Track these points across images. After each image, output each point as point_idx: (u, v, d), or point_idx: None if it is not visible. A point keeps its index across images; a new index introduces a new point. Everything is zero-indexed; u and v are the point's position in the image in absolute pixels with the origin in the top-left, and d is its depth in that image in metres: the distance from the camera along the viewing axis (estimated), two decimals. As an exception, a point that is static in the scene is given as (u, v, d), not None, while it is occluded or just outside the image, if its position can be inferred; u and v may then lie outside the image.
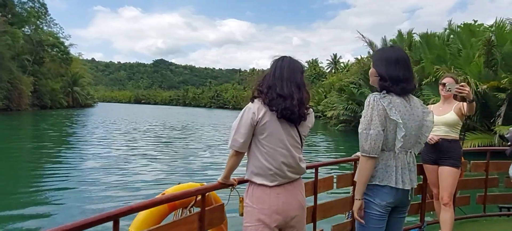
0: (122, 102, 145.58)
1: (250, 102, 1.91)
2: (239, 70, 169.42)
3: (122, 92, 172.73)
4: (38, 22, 50.50)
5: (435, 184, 3.32)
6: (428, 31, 21.48)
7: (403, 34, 23.93)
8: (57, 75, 53.72)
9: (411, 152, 1.94)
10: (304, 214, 2.02)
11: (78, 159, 11.45)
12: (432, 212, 3.64)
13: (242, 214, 2.00)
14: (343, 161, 3.55)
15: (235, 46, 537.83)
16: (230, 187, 2.12)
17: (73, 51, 61.46)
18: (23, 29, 45.63)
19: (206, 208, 2.15)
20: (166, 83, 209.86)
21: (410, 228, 3.60)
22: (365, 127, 1.84)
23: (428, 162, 3.31)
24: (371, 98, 1.86)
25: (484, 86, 14.14)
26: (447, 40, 20.52)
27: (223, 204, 2.37)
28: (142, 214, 2.26)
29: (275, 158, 1.86)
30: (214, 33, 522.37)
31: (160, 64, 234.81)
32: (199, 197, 2.16)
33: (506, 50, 15.19)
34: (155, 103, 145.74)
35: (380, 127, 1.82)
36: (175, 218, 2.37)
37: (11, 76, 38.67)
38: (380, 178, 1.88)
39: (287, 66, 1.92)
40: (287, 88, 1.86)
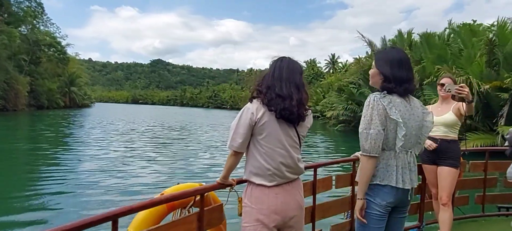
0: (119, 103, 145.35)
1: (249, 103, 1.91)
2: (237, 70, 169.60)
3: (119, 93, 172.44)
4: (35, 21, 50.20)
5: (434, 184, 3.34)
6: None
7: (403, 34, 23.83)
8: (54, 75, 53.47)
9: (411, 152, 1.95)
10: (302, 214, 2.02)
11: (76, 161, 11.32)
12: (431, 212, 3.65)
13: (240, 214, 1.99)
14: (342, 161, 3.55)
15: (233, 46, 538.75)
16: (229, 187, 2.12)
17: (70, 51, 61.34)
18: (19, 28, 45.37)
19: (205, 208, 2.15)
20: (164, 83, 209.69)
21: (409, 228, 3.61)
22: (365, 127, 1.85)
23: (427, 162, 3.32)
24: (371, 98, 1.87)
25: (486, 86, 13.96)
26: (448, 40, 20.37)
27: (222, 204, 2.37)
28: (141, 214, 2.27)
29: (274, 158, 1.86)
30: (211, 33, 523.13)
31: (157, 64, 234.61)
32: (198, 197, 2.16)
33: (508, 50, 15.05)
34: (153, 103, 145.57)
35: (380, 126, 1.83)
36: (174, 218, 2.37)
37: (8, 76, 38.47)
38: (381, 177, 1.89)
39: (286, 67, 1.92)
40: (286, 88, 1.86)
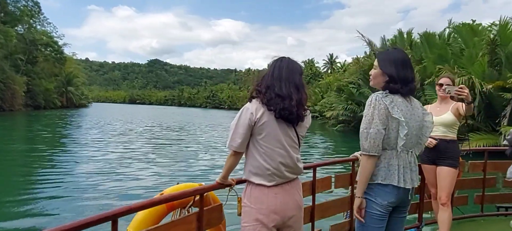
0: (116, 103, 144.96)
1: (248, 102, 1.91)
2: (235, 70, 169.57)
3: (117, 92, 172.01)
4: (32, 21, 49.97)
5: (433, 184, 3.34)
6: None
7: (403, 33, 23.73)
8: (50, 75, 53.25)
9: (412, 151, 1.96)
10: (301, 214, 2.03)
11: (73, 162, 11.17)
12: (430, 211, 3.66)
13: (240, 214, 2.00)
14: (341, 161, 3.55)
15: (230, 46, 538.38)
16: (228, 187, 2.12)
17: (67, 51, 60.94)
18: (16, 28, 45.15)
19: (205, 208, 2.15)
20: (161, 83, 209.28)
21: (408, 227, 3.61)
22: (365, 126, 1.86)
23: (426, 162, 3.33)
24: (373, 97, 1.88)
25: (489, 86, 13.79)
26: (448, 39, 20.24)
27: (222, 204, 2.38)
28: (141, 214, 2.27)
29: (273, 158, 1.87)
30: (208, 33, 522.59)
31: (154, 64, 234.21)
32: (198, 197, 2.16)
33: (510, 49, 14.91)
34: (150, 103, 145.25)
35: (381, 125, 1.83)
36: (173, 218, 2.37)
37: (4, 76, 38.29)
38: (382, 176, 1.89)
39: (286, 67, 1.92)
40: (285, 88, 1.87)
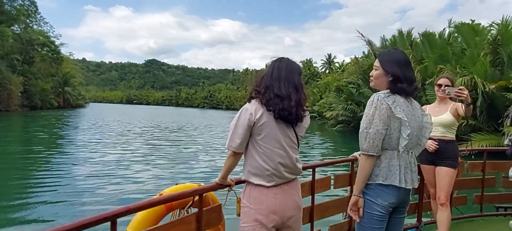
0: (113, 103, 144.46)
1: (247, 103, 1.91)
2: (233, 70, 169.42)
3: (114, 93, 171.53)
4: (28, 20, 49.73)
5: (432, 184, 3.35)
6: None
7: (403, 33, 23.55)
8: (47, 75, 52.99)
9: (412, 152, 1.96)
10: (300, 214, 2.03)
11: (71, 164, 10.98)
12: (429, 212, 3.66)
13: (239, 214, 2.00)
14: (341, 161, 3.55)
15: (228, 46, 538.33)
16: (228, 188, 2.12)
17: (63, 51, 60.63)
18: (12, 27, 44.90)
19: (204, 209, 2.15)
20: (158, 83, 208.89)
21: (408, 228, 3.62)
22: (365, 126, 1.86)
23: (425, 162, 3.33)
24: (375, 97, 1.87)
25: (492, 86, 13.64)
26: (448, 39, 20.09)
27: (221, 204, 2.38)
28: (140, 215, 2.26)
29: (272, 159, 1.87)
30: (206, 33, 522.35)
31: (152, 64, 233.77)
32: (197, 198, 2.16)
33: None
34: (148, 103, 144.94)
35: (381, 125, 1.83)
36: (172, 218, 2.37)
37: (0, 76, 38.08)
38: (383, 176, 1.88)
39: (285, 67, 1.93)
40: (285, 89, 1.87)
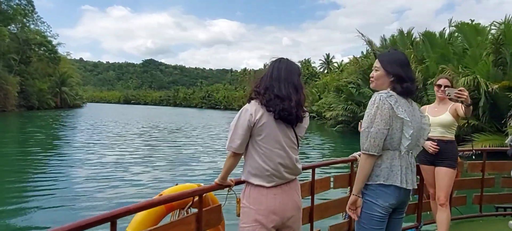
0: (111, 103, 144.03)
1: (247, 104, 1.91)
2: (231, 70, 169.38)
3: (111, 93, 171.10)
4: (25, 20, 49.24)
5: (431, 184, 3.36)
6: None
7: (404, 33, 23.42)
8: (44, 75, 52.72)
9: (412, 153, 1.96)
10: (300, 214, 2.04)
11: (69, 164, 10.79)
12: (428, 212, 3.66)
13: (239, 215, 2.00)
14: (340, 162, 3.55)
15: (225, 46, 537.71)
16: (227, 188, 2.12)
17: (61, 51, 60.21)
18: (9, 27, 44.59)
19: (204, 209, 2.16)
20: (156, 83, 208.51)
21: (407, 228, 3.63)
22: (367, 125, 1.85)
23: (425, 163, 3.34)
24: (377, 97, 1.87)
25: (495, 86, 13.43)
26: (449, 39, 19.94)
27: (220, 204, 2.38)
28: (140, 215, 2.26)
29: (272, 159, 1.87)
30: (203, 33, 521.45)
31: (149, 64, 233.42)
32: (197, 198, 2.17)
33: None
34: (145, 103, 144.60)
35: (383, 125, 1.82)
36: (172, 219, 2.37)
37: (-3, 76, 37.94)
38: (385, 177, 1.88)
39: (284, 68, 1.94)
40: (285, 89, 1.88)
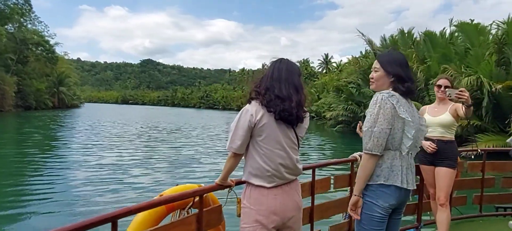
0: (109, 103, 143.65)
1: (248, 104, 1.91)
2: (229, 70, 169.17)
3: (109, 93, 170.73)
4: (22, 19, 49.03)
5: (431, 185, 3.36)
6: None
7: (405, 32, 23.40)
8: (42, 75, 52.47)
9: (411, 153, 1.96)
10: (300, 215, 2.04)
11: (68, 166, 10.66)
12: (429, 212, 3.67)
13: (239, 215, 2.00)
14: (340, 162, 3.54)
15: (223, 46, 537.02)
16: (228, 188, 2.12)
17: (58, 50, 59.88)
18: (6, 26, 44.43)
19: (204, 209, 2.15)
20: (154, 83, 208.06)
21: (407, 228, 3.63)
22: (370, 125, 1.85)
23: (425, 163, 3.35)
24: (379, 96, 1.87)
25: (498, 86, 13.38)
26: (450, 38, 19.95)
27: (221, 205, 2.37)
28: (140, 216, 2.25)
29: (273, 160, 1.87)
30: (201, 33, 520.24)
31: (147, 64, 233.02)
32: (197, 198, 2.16)
33: None
34: (143, 103, 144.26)
35: (386, 125, 1.82)
36: (173, 219, 2.36)
37: (-6, 76, 37.75)
38: (385, 177, 1.88)
39: (285, 68, 1.93)
40: (285, 90, 1.88)
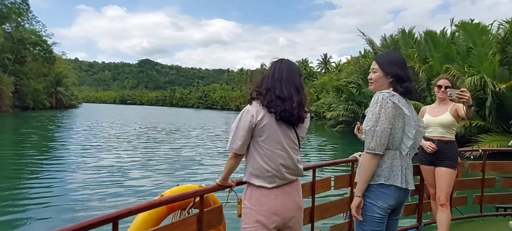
0: (107, 103, 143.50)
1: (248, 105, 1.91)
2: (227, 70, 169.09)
3: (107, 93, 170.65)
4: (20, 19, 48.72)
5: (432, 185, 3.35)
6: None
7: (406, 32, 23.39)
8: (39, 75, 52.26)
9: (410, 154, 1.96)
10: (301, 215, 2.04)
11: (67, 167, 10.49)
12: (429, 212, 3.66)
13: (240, 216, 2.00)
14: (341, 162, 3.54)
15: (222, 46, 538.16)
16: (228, 189, 2.11)
17: (56, 50, 59.59)
18: (3, 26, 44.25)
19: (205, 210, 2.15)
20: (152, 83, 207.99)
21: (408, 228, 3.63)
22: (372, 124, 1.84)
23: (425, 163, 3.34)
24: (380, 96, 1.86)
25: (502, 86, 13.26)
26: (452, 38, 19.89)
27: (222, 205, 2.36)
28: (141, 216, 2.25)
29: (274, 160, 1.87)
30: (200, 33, 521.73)
31: (145, 64, 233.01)
32: (198, 199, 2.16)
33: None
34: (141, 103, 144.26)
35: (388, 124, 1.82)
36: (173, 219, 2.35)
37: (-9, 76, 37.57)
38: (386, 177, 1.87)
39: (286, 69, 1.93)
40: (286, 90, 1.88)
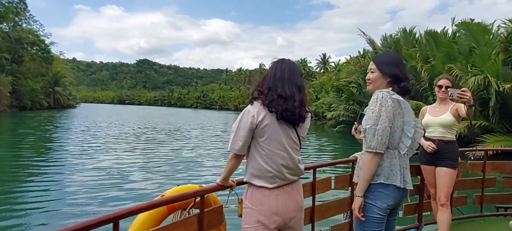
0: (105, 103, 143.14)
1: (250, 105, 1.91)
2: (226, 70, 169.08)
3: (105, 93, 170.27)
4: (17, 18, 48.40)
5: (432, 185, 3.35)
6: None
7: (407, 31, 23.36)
8: (37, 75, 52.08)
9: (407, 154, 1.96)
10: (302, 215, 2.04)
11: (66, 167, 10.37)
12: (429, 212, 3.66)
13: (241, 216, 2.00)
14: (341, 162, 3.54)
15: (220, 46, 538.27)
16: (229, 189, 2.11)
17: (54, 50, 59.32)
18: (0, 25, 44.12)
19: (205, 210, 2.14)
20: (150, 83, 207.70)
21: (408, 228, 3.62)
22: (373, 122, 1.84)
23: (425, 163, 3.34)
24: (380, 95, 1.87)
25: (506, 86, 13.19)
26: (453, 37, 19.84)
27: (222, 205, 2.35)
28: (142, 216, 2.25)
29: (275, 160, 1.87)
30: (198, 33, 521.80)
31: (143, 64, 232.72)
32: (198, 199, 2.15)
33: None
34: (140, 103, 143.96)
35: (388, 123, 1.82)
36: (174, 219, 2.36)
37: (-12, 76, 37.41)
38: (385, 176, 1.88)
39: (287, 68, 1.94)
40: (288, 89, 1.88)
